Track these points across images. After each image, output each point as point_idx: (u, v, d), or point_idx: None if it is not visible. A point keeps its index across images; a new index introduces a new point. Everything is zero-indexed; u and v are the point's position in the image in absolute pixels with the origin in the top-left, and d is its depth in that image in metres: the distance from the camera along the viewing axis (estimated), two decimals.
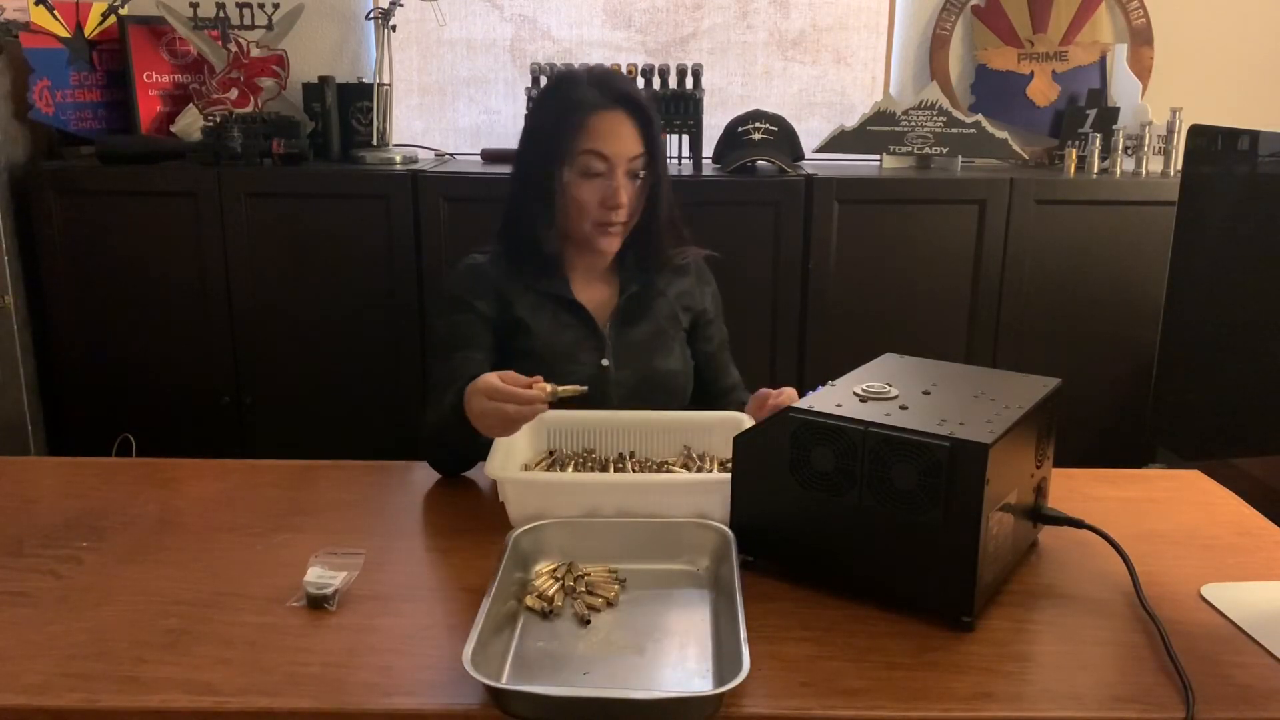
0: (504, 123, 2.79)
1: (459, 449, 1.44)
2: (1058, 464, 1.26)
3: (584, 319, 1.61)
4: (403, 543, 1.26)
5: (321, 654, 1.00)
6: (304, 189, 2.40)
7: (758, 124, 2.49)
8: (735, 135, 2.51)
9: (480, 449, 1.37)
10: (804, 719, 0.92)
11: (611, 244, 1.60)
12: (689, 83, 2.50)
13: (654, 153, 1.58)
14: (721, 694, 0.90)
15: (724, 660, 0.98)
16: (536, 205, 1.58)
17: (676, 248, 1.68)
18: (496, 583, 1.05)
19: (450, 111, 2.80)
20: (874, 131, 2.55)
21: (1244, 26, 2.71)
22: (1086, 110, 2.63)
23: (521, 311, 1.58)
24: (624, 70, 2.48)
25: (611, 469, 1.37)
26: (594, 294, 1.65)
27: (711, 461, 1.38)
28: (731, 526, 1.17)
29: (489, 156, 2.64)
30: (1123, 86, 2.67)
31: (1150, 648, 1.03)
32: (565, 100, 1.57)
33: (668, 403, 1.60)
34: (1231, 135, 1.13)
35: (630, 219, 1.59)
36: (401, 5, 2.53)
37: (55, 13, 2.46)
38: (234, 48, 2.55)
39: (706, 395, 1.71)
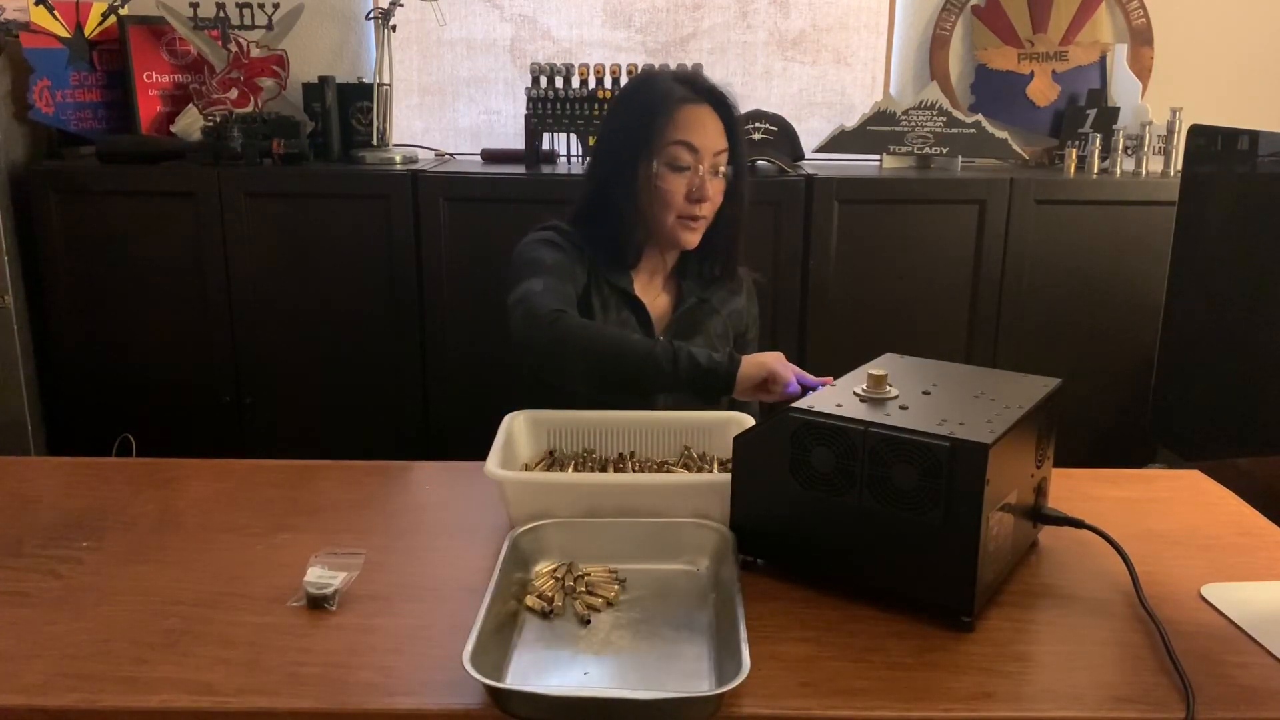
0: (504, 123, 2.79)
1: (601, 371, 1.46)
2: (1058, 464, 1.26)
3: (644, 321, 1.63)
4: (403, 543, 1.26)
5: (321, 654, 1.00)
6: (304, 189, 2.40)
7: (758, 124, 2.50)
8: None
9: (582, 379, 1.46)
10: (804, 719, 0.92)
11: (693, 238, 1.60)
12: None
13: (737, 152, 1.60)
14: (721, 694, 0.90)
15: (724, 660, 0.98)
16: (621, 197, 1.59)
17: (741, 261, 1.69)
18: (496, 583, 1.05)
19: (450, 111, 2.80)
20: (874, 131, 2.55)
21: (1244, 26, 2.71)
22: (1086, 110, 2.63)
23: (595, 301, 1.60)
24: (624, 70, 2.48)
25: (611, 469, 1.37)
26: (653, 301, 1.66)
27: (711, 461, 1.38)
28: (731, 526, 1.17)
29: (489, 156, 2.65)
30: (1123, 86, 2.67)
31: (1150, 648, 1.03)
32: (653, 94, 1.59)
33: None
34: (1231, 135, 1.12)
35: (711, 215, 1.60)
36: (401, 5, 2.53)
37: (55, 13, 2.46)
38: (234, 48, 2.55)
39: None
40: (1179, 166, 1.82)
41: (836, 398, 1.13)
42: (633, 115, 1.61)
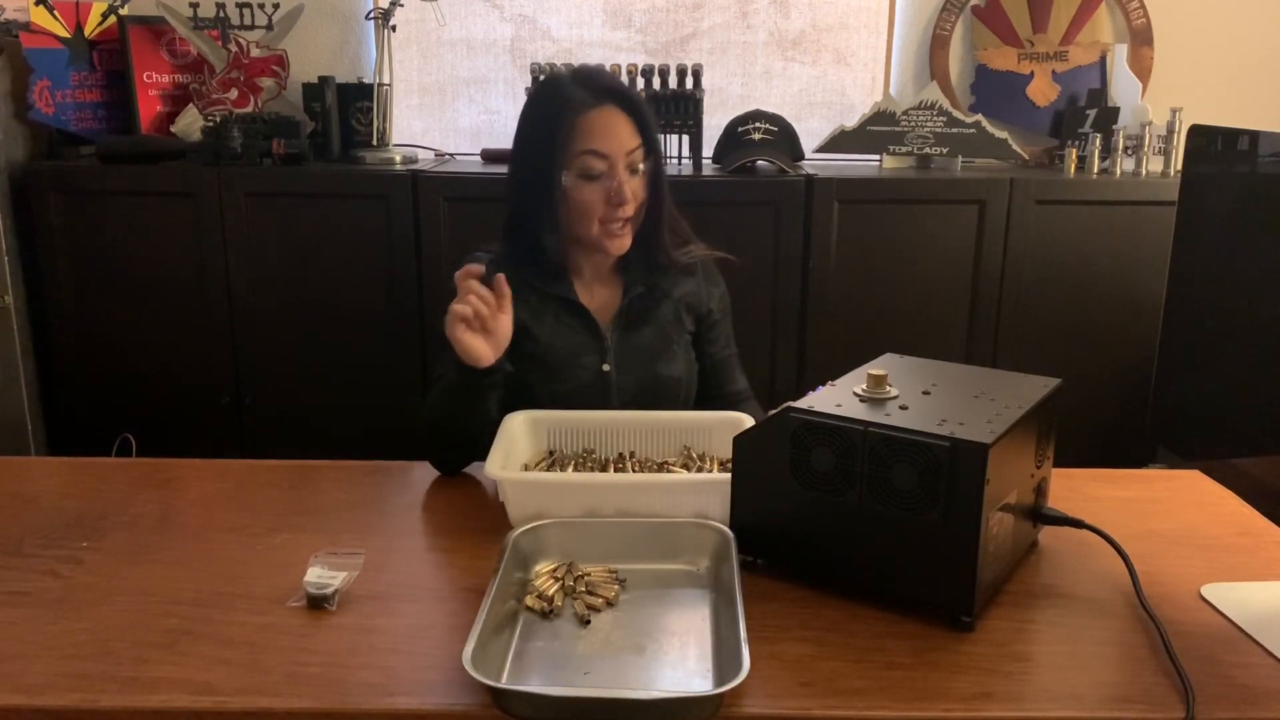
0: (504, 123, 2.79)
1: (459, 424, 1.45)
2: (1058, 464, 1.26)
3: (587, 322, 1.60)
4: (403, 543, 1.26)
5: (321, 654, 1.00)
6: (304, 189, 2.41)
7: (758, 124, 2.50)
8: (735, 135, 2.51)
9: (477, 429, 1.40)
10: (804, 719, 0.92)
11: (621, 244, 1.57)
12: (689, 83, 2.50)
13: (650, 143, 1.56)
14: (721, 694, 0.90)
15: (724, 660, 0.98)
16: (540, 213, 1.55)
17: (680, 246, 1.67)
18: (496, 583, 1.05)
19: (450, 111, 2.80)
20: (874, 131, 2.55)
21: (1244, 26, 2.71)
22: (1086, 110, 2.63)
23: (524, 314, 1.56)
24: (624, 70, 2.48)
25: (611, 469, 1.37)
26: (598, 296, 1.64)
27: (711, 461, 1.38)
28: (731, 526, 1.17)
29: (489, 156, 2.65)
30: (1123, 86, 2.67)
31: (1150, 648, 1.03)
32: (554, 104, 1.54)
33: (669, 409, 1.59)
34: (1231, 135, 1.13)
35: (638, 213, 1.57)
36: (401, 5, 2.53)
37: (55, 13, 2.46)
38: (234, 48, 2.55)
39: (711, 401, 1.68)
40: (1179, 166, 1.82)
41: (836, 398, 1.13)
42: (538, 130, 1.56)
